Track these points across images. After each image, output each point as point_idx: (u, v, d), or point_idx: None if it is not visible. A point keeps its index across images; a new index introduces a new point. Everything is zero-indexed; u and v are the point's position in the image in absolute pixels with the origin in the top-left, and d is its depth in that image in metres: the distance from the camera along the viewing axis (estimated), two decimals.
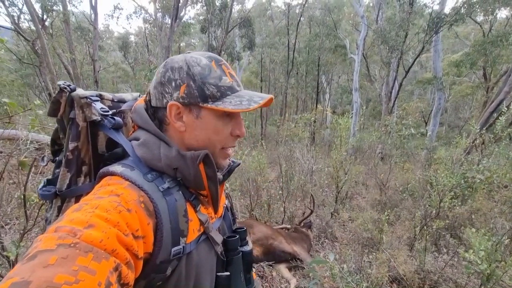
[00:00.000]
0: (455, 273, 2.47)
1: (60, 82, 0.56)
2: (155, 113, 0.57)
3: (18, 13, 9.31)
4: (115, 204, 0.42)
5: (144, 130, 0.57)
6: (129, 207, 0.43)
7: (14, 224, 2.17)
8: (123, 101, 0.66)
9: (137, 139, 0.56)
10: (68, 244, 0.34)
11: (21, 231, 1.27)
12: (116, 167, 0.51)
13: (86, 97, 0.57)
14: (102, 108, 0.57)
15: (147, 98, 0.59)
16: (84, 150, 0.57)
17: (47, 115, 0.59)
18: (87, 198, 0.44)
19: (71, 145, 0.56)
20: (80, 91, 0.57)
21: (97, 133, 0.59)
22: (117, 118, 0.58)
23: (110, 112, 0.58)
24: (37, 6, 9.14)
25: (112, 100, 0.64)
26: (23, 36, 8.12)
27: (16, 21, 8.86)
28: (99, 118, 0.57)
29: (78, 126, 0.56)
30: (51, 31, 10.14)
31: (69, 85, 0.56)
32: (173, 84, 0.53)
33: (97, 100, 0.58)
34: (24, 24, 9.69)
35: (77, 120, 0.56)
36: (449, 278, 2.38)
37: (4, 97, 1.46)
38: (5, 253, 1.16)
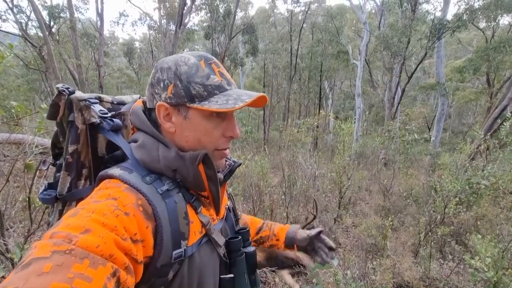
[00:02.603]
0: (461, 280, 2.43)
1: (59, 85, 0.56)
2: (150, 115, 0.57)
3: (26, 20, 9.54)
4: (112, 208, 0.41)
5: (142, 131, 0.56)
6: (127, 211, 0.43)
7: (18, 228, 2.18)
8: (123, 103, 0.66)
9: (135, 141, 0.56)
10: (63, 251, 0.33)
11: (25, 234, 1.28)
12: (115, 170, 0.50)
13: (85, 100, 0.57)
14: (101, 110, 0.57)
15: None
16: (84, 153, 0.57)
17: (46, 118, 0.59)
18: (84, 202, 0.44)
19: (71, 148, 0.55)
20: (78, 94, 0.57)
21: (97, 135, 0.59)
22: (116, 120, 0.57)
23: (109, 114, 0.58)
24: (44, 13, 9.36)
25: (112, 103, 0.64)
26: (30, 42, 8.29)
27: (24, 28, 9.06)
28: (98, 120, 0.56)
29: (77, 128, 0.56)
30: (57, 37, 10.35)
31: (67, 88, 0.56)
32: (162, 84, 0.53)
33: (96, 103, 0.58)
34: (32, 31, 9.90)
35: (76, 123, 0.56)
36: (455, 285, 2.34)
37: (11, 102, 1.49)
38: (9, 255, 1.17)
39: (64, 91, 0.55)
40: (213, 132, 0.55)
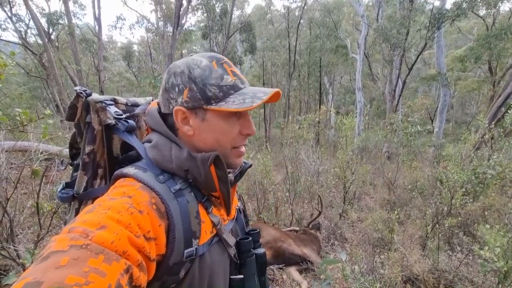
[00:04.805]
0: (471, 271, 2.41)
1: (77, 88, 0.58)
2: (165, 119, 0.58)
3: (25, 28, 9.60)
4: (126, 206, 0.42)
5: (157, 132, 0.58)
6: (141, 209, 0.44)
7: (27, 234, 2.20)
8: (136, 105, 0.67)
9: (149, 141, 0.57)
10: (80, 245, 0.34)
11: (35, 239, 1.29)
12: (129, 169, 0.52)
13: (101, 101, 0.58)
14: (116, 112, 0.59)
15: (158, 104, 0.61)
16: (100, 153, 0.59)
17: (65, 120, 0.61)
18: (100, 200, 0.45)
19: (88, 148, 0.57)
20: (95, 96, 0.59)
21: (112, 136, 0.60)
22: (130, 121, 0.59)
23: (124, 116, 0.59)
24: (43, 21, 9.41)
25: (126, 104, 0.65)
26: (30, 50, 8.35)
27: (24, 36, 9.11)
28: (113, 121, 0.58)
29: (93, 129, 0.58)
30: (57, 44, 10.41)
31: (85, 90, 0.58)
32: (177, 89, 0.54)
33: (111, 104, 0.60)
34: (31, 39, 9.96)
35: (92, 124, 0.58)
36: (465, 277, 2.32)
37: (16, 109, 1.50)
38: (20, 261, 1.19)
39: (81, 93, 0.57)
40: (230, 131, 0.56)
